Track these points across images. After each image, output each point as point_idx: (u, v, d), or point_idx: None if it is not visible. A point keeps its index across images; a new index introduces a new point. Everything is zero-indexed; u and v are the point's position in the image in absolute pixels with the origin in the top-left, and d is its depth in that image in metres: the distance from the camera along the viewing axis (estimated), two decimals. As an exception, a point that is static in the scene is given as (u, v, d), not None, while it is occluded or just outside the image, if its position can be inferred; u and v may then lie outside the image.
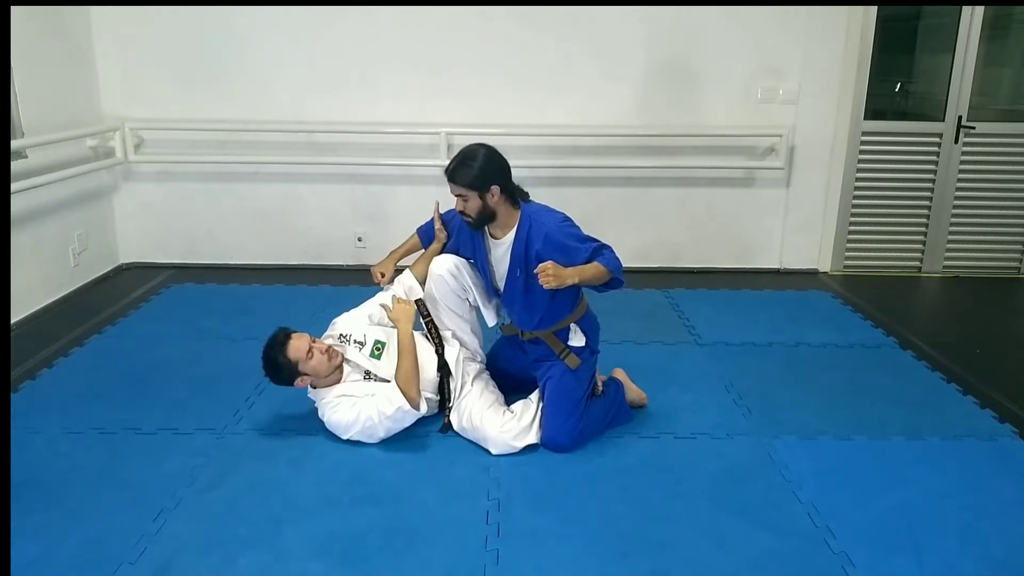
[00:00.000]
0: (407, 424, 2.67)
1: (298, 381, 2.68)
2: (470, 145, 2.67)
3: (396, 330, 2.80)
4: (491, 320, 2.97)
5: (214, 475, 2.53)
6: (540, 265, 2.50)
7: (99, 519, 2.29)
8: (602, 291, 2.70)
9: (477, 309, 2.98)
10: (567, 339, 2.79)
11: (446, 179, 2.63)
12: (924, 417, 2.98)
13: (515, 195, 2.70)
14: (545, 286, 2.49)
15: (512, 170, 2.70)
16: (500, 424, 2.67)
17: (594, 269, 2.56)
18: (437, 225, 2.96)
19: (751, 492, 2.47)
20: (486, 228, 2.74)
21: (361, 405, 2.65)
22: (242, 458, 2.64)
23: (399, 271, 3.06)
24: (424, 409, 2.68)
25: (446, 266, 2.87)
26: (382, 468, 2.57)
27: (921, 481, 2.54)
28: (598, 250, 2.61)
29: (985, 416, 3.01)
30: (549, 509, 2.37)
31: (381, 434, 2.66)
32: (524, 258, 2.67)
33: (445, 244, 2.96)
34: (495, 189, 2.60)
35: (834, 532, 2.27)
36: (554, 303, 2.71)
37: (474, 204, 2.62)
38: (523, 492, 2.45)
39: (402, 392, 2.60)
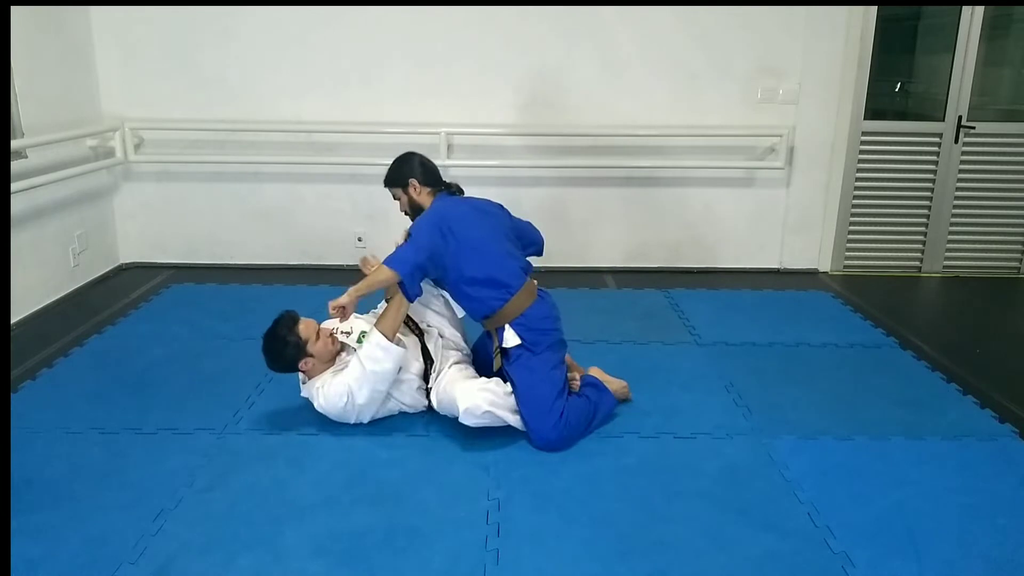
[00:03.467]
0: (390, 369, 2.67)
1: (301, 363, 2.72)
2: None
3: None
4: (460, 311, 3.00)
5: (214, 475, 2.53)
6: None
7: (99, 519, 2.29)
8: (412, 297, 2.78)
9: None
10: (502, 338, 2.78)
11: None
12: (924, 417, 2.98)
13: (440, 190, 2.91)
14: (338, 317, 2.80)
15: (512, 169, 2.72)
16: (472, 385, 2.67)
17: (374, 276, 2.73)
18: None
19: (751, 492, 2.47)
20: None
21: (348, 376, 2.69)
22: (242, 458, 2.64)
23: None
24: (403, 350, 2.71)
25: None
26: (382, 468, 2.58)
27: (921, 481, 2.54)
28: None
29: (985, 416, 3.01)
30: (549, 509, 2.37)
31: (367, 389, 2.67)
32: None
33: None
34: (413, 182, 2.92)
35: (834, 532, 2.27)
36: (460, 302, 2.89)
37: (404, 201, 2.97)
38: (523, 492, 2.45)
39: (379, 330, 2.66)
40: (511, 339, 2.76)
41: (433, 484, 2.49)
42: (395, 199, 3.01)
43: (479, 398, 2.62)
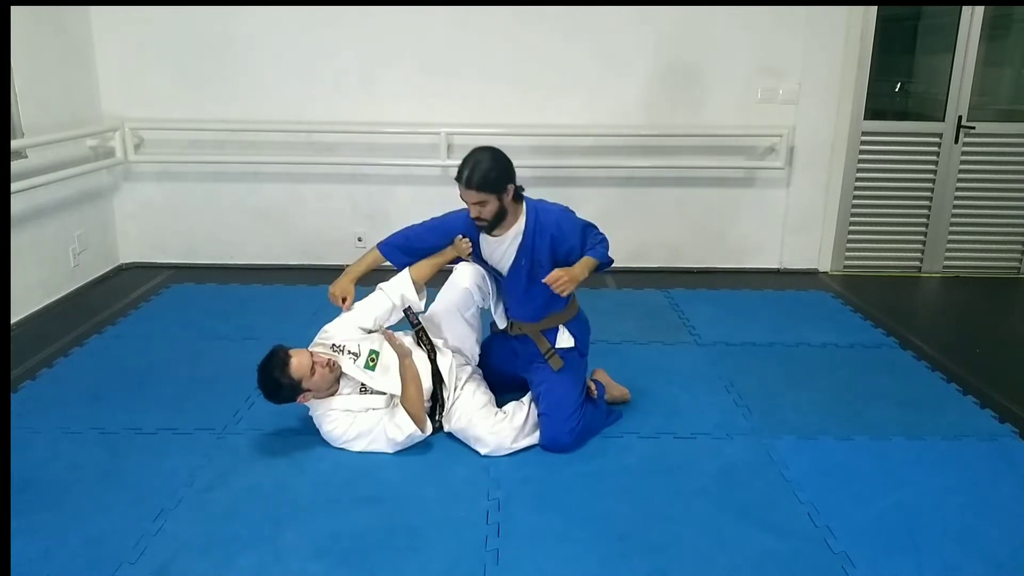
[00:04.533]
0: (414, 443, 2.68)
1: (300, 398, 2.62)
2: (476, 149, 2.63)
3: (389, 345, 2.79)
4: (502, 323, 2.94)
5: (214, 475, 2.53)
6: (551, 275, 2.52)
7: (99, 519, 2.29)
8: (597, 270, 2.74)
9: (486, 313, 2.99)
10: (554, 340, 2.79)
11: (461, 186, 2.58)
12: (924, 417, 2.98)
13: (519, 191, 2.70)
14: (563, 293, 2.54)
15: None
16: (491, 424, 2.67)
17: (594, 262, 2.62)
18: (463, 242, 2.84)
19: (751, 492, 2.47)
20: None
21: (362, 425, 2.64)
22: (242, 458, 2.64)
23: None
24: (430, 428, 2.69)
25: (473, 280, 2.81)
26: (382, 468, 2.57)
27: (921, 481, 2.54)
28: (597, 242, 2.69)
29: (985, 416, 3.01)
30: (549, 509, 2.37)
31: (391, 450, 2.66)
32: (532, 248, 2.68)
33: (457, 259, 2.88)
34: (510, 188, 2.61)
35: (834, 532, 2.27)
36: (553, 295, 2.64)
37: (492, 207, 2.59)
38: (523, 492, 2.45)
39: (413, 418, 2.61)
40: (566, 340, 2.78)
41: (433, 484, 2.49)
42: (475, 203, 2.58)
43: (502, 439, 2.65)
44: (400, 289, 2.89)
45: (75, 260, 4.38)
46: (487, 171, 2.55)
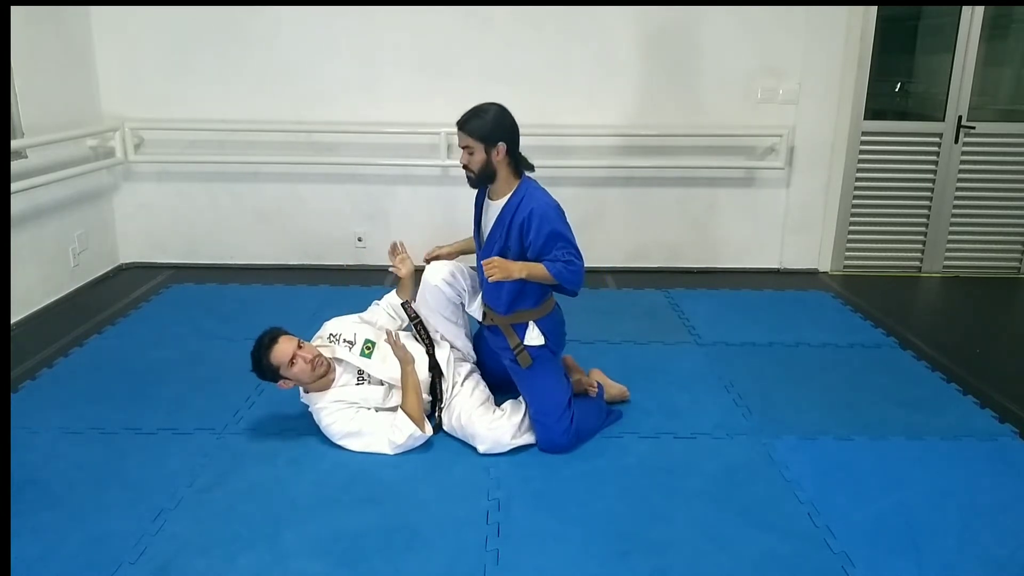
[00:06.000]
0: (417, 446, 2.68)
1: (280, 383, 2.66)
2: (488, 102, 2.66)
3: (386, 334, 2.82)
4: (478, 314, 2.94)
5: (214, 475, 2.53)
6: (488, 259, 2.54)
7: (99, 519, 2.29)
8: (556, 290, 2.73)
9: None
10: (523, 335, 2.75)
11: (457, 127, 2.63)
12: (924, 417, 2.98)
13: (519, 164, 2.68)
14: (489, 279, 2.52)
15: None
16: (489, 421, 2.68)
17: (543, 271, 2.57)
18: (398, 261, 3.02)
19: (751, 492, 2.47)
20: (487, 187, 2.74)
21: (363, 423, 2.65)
22: (242, 458, 2.64)
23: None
24: (430, 430, 2.69)
25: (441, 275, 2.85)
26: (382, 468, 2.58)
27: (921, 481, 2.54)
28: (561, 259, 2.56)
29: (985, 416, 3.01)
30: (549, 509, 2.37)
31: (391, 451, 2.66)
32: (507, 226, 2.64)
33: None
34: (501, 147, 2.59)
35: (834, 532, 2.27)
36: (522, 286, 2.66)
37: (479, 158, 2.60)
38: (523, 492, 2.46)
39: (414, 421, 2.62)
40: (535, 338, 2.74)
41: (433, 484, 2.49)
42: (463, 147, 2.61)
43: (500, 436, 2.65)
44: (389, 302, 3.05)
45: (75, 260, 4.38)
46: (485, 120, 2.58)
